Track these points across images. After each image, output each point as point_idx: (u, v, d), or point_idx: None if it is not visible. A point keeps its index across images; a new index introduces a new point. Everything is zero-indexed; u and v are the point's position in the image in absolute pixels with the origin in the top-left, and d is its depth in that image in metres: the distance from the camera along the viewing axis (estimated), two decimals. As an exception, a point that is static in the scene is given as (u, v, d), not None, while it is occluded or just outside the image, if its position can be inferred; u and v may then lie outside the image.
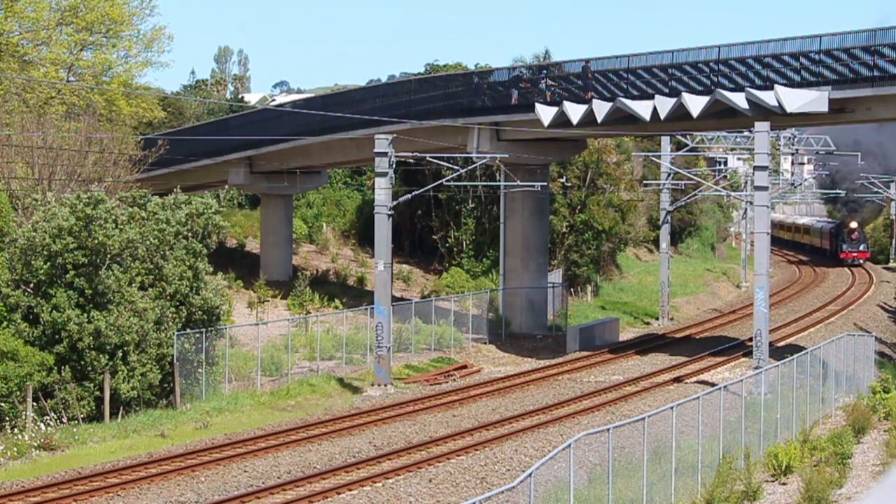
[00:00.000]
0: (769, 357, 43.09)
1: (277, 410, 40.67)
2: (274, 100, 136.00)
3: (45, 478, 30.09)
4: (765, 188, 43.28)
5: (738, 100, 47.00)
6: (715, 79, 48.45)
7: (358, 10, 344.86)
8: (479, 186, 69.53)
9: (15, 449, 32.83)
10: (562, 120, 51.66)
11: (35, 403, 35.39)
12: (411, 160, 51.65)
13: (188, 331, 40.08)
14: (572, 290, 70.73)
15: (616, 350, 55.61)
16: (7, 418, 34.91)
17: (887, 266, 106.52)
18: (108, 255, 37.94)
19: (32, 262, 37.47)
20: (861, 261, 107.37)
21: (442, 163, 50.11)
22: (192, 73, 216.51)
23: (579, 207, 74.52)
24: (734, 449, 29.43)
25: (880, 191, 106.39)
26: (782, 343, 56.27)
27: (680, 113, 48.67)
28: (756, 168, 43.63)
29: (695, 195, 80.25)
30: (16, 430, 34.13)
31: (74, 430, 34.98)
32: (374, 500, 28.51)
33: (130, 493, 29.05)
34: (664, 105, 48.86)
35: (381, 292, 44.38)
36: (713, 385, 40.11)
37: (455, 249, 73.89)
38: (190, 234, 41.19)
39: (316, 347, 48.35)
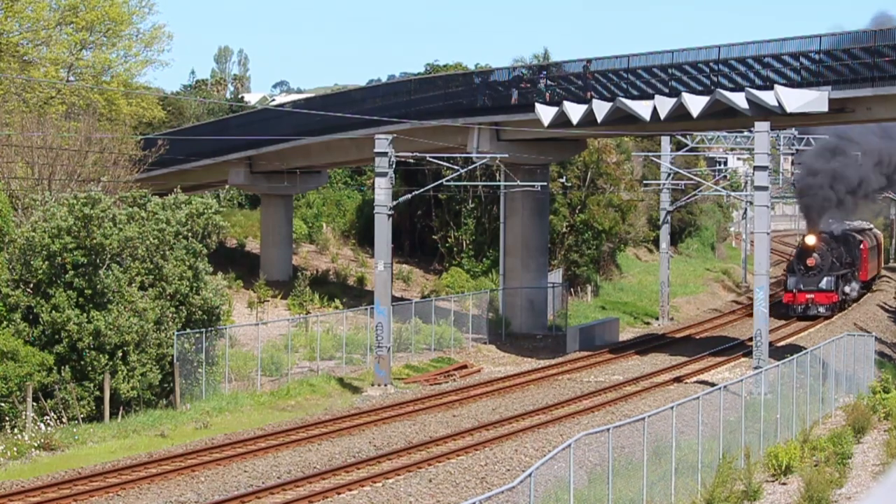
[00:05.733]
0: (769, 357, 43.10)
1: (277, 410, 40.68)
2: (274, 100, 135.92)
3: (45, 478, 30.08)
4: (765, 188, 43.29)
5: (738, 100, 47.01)
6: (715, 79, 48.46)
7: (358, 10, 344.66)
8: (479, 186, 69.52)
9: (15, 449, 32.83)
10: (562, 120, 51.66)
11: (35, 403, 35.39)
12: (411, 160, 51.64)
13: (188, 331, 40.08)
14: (572, 290, 70.72)
15: (616, 350, 55.61)
16: (7, 418, 34.92)
17: (887, 265, 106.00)
18: (108, 255, 37.95)
19: (32, 262, 37.47)
20: (822, 309, 66.40)
21: (442, 163, 50.11)
22: (192, 73, 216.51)
23: (579, 207, 74.51)
24: (734, 449, 29.43)
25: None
26: (782, 343, 56.27)
27: (680, 113, 48.68)
28: (756, 168, 43.64)
29: (695, 195, 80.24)
30: (16, 430, 34.13)
31: (74, 430, 34.98)
32: (374, 500, 28.50)
33: (130, 493, 29.05)
34: (664, 105, 48.87)
35: (381, 292, 44.38)
36: (713, 385, 40.10)
37: (455, 249, 73.88)
38: (190, 234, 41.19)
39: (316, 347, 48.35)
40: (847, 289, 70.67)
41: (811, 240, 68.25)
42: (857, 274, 73.53)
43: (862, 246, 75.67)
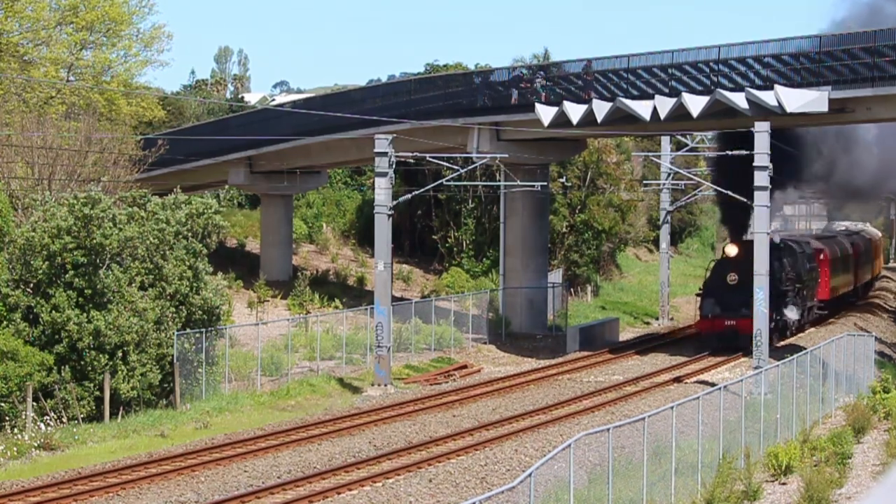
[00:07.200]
0: (769, 357, 43.08)
1: (277, 410, 40.67)
2: (274, 100, 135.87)
3: (45, 478, 30.07)
4: (765, 188, 43.26)
5: (738, 100, 47.01)
6: (715, 79, 48.45)
7: (358, 10, 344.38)
8: (479, 186, 69.53)
9: (15, 449, 32.82)
10: (562, 120, 51.66)
11: (35, 403, 35.38)
12: (411, 160, 51.63)
13: (188, 331, 40.07)
14: (572, 290, 70.72)
15: (616, 350, 55.59)
16: (7, 418, 34.91)
17: (887, 265, 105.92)
18: (108, 255, 37.95)
19: (32, 262, 37.48)
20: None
21: (442, 163, 50.10)
22: (192, 73, 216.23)
23: (579, 207, 74.53)
24: (734, 449, 29.42)
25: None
26: (782, 343, 56.22)
27: (680, 113, 48.68)
28: (756, 168, 43.59)
29: (695, 195, 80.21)
30: (16, 430, 34.13)
31: (74, 430, 34.97)
32: (374, 500, 28.49)
33: (130, 493, 29.04)
34: (664, 105, 48.86)
35: (381, 292, 44.37)
36: (713, 385, 40.09)
37: (455, 249, 73.90)
38: (190, 234, 41.19)
39: (316, 347, 48.35)
40: (787, 312, 55.93)
41: (732, 249, 54.02)
42: (809, 292, 59.57)
43: (822, 256, 62.75)
